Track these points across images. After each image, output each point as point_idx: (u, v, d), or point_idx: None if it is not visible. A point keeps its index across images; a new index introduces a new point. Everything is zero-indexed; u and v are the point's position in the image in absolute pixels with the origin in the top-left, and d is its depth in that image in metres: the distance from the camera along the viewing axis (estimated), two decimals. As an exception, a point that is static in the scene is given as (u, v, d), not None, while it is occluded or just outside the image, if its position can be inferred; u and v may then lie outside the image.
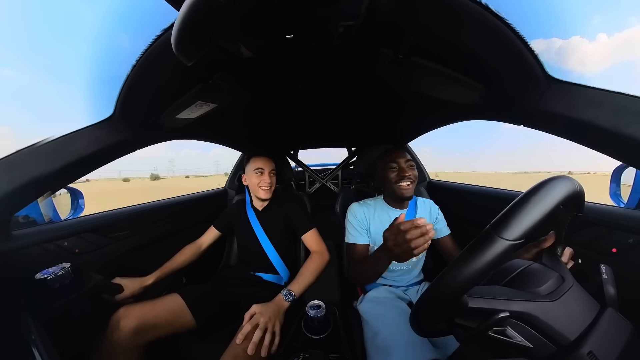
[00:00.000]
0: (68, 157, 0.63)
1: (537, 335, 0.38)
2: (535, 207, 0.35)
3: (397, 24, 0.52)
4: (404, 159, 0.91)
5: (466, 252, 0.36)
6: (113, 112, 0.69)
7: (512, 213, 0.35)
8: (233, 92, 0.79)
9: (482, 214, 1.07)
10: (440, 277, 0.37)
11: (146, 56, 0.55)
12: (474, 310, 0.38)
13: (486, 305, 0.38)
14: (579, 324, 0.38)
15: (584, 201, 0.44)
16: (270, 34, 0.54)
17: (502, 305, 0.38)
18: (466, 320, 0.42)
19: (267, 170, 1.04)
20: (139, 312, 0.71)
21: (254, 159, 1.06)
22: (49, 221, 0.82)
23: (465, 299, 0.37)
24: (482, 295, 0.39)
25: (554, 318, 0.38)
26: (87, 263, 0.83)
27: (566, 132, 0.55)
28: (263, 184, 1.04)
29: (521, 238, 0.34)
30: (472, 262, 0.34)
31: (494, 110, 0.69)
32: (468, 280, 0.35)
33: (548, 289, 0.42)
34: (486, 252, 0.34)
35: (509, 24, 0.47)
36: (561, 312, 0.39)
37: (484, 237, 0.35)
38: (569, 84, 0.51)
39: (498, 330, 0.39)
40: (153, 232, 1.10)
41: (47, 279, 0.63)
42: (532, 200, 0.36)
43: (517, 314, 0.38)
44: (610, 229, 0.65)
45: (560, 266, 0.48)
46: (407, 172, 0.88)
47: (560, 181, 0.39)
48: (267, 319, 0.71)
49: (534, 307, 0.38)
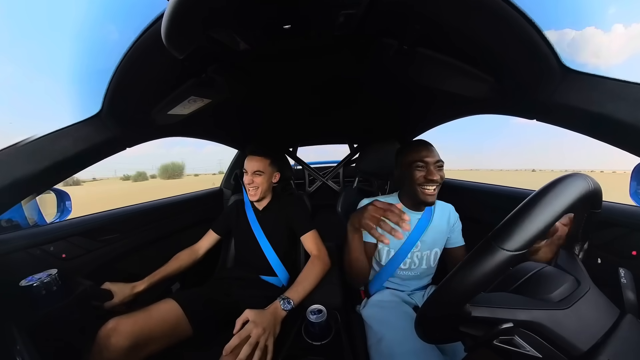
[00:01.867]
0: (53, 157, 0.60)
1: (547, 345, 0.36)
2: (540, 214, 0.32)
3: (402, 12, 0.49)
4: (434, 159, 0.79)
5: (465, 262, 0.34)
6: (101, 108, 0.66)
7: (514, 222, 0.33)
8: (227, 87, 0.75)
9: (492, 213, 1.05)
10: (441, 285, 0.36)
11: (135, 49, 0.52)
12: (478, 319, 0.36)
13: (490, 315, 0.36)
14: (595, 332, 0.36)
15: (601, 198, 0.41)
16: (266, 24, 0.50)
17: (507, 314, 0.36)
18: (471, 329, 0.40)
19: (250, 171, 1.00)
20: (132, 326, 0.65)
21: (246, 157, 1.03)
22: (33, 225, 0.79)
23: (468, 308, 0.36)
24: (486, 304, 0.37)
25: (565, 327, 0.36)
26: (75, 268, 0.80)
27: (583, 126, 0.52)
28: (246, 185, 1.01)
29: (524, 248, 0.32)
30: (471, 273, 0.33)
31: (506, 103, 0.66)
32: (468, 291, 0.34)
33: (561, 295, 0.39)
34: (485, 263, 0.32)
35: (522, 11, 0.43)
36: (573, 320, 0.36)
37: (483, 248, 0.33)
38: (587, 75, 0.48)
39: (505, 340, 0.37)
40: (145, 234, 1.06)
41: (33, 286, 0.60)
42: (538, 206, 0.33)
43: (524, 323, 0.36)
44: (630, 230, 0.62)
45: (577, 268, 0.45)
46: (435, 175, 0.77)
47: (571, 182, 0.36)
48: (260, 331, 0.63)
49: (543, 315, 0.36)
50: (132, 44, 0.51)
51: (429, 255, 0.87)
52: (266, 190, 1.05)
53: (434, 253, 0.88)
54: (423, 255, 0.87)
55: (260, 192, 1.02)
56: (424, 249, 0.87)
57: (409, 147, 0.84)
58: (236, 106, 1.00)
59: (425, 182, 0.78)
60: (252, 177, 1.00)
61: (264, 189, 1.03)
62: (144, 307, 0.73)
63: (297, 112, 1.19)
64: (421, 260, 0.87)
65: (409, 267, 0.87)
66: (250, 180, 1.00)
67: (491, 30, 0.48)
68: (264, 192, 1.03)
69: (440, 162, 0.80)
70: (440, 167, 0.80)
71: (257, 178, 1.01)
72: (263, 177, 1.01)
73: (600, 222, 0.46)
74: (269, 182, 1.05)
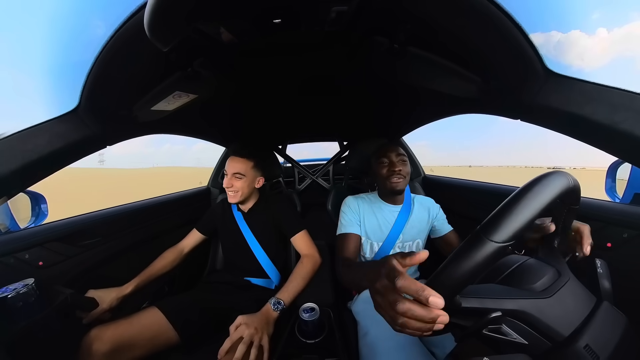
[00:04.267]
0: (26, 157, 0.56)
1: (532, 332, 0.38)
2: (525, 208, 0.35)
3: (393, 10, 0.49)
4: (395, 153, 0.91)
5: (455, 254, 0.35)
6: (78, 103, 0.61)
7: (502, 215, 0.35)
8: (215, 82, 0.73)
9: (478, 209, 1.08)
10: (432, 278, 0.37)
11: (115, 40, 0.49)
12: (468, 310, 0.38)
13: (479, 305, 0.38)
14: (575, 319, 0.39)
15: (579, 194, 0.44)
16: (256, 17, 0.49)
17: (495, 304, 0.38)
18: (461, 320, 0.41)
19: (229, 173, 0.94)
20: (113, 333, 0.65)
21: (228, 158, 0.98)
22: (5, 231, 0.74)
23: (458, 299, 0.37)
24: (475, 295, 0.39)
25: (548, 315, 0.38)
26: (54, 277, 0.75)
27: (563, 127, 0.54)
28: (225, 188, 0.95)
29: (511, 240, 0.34)
30: (461, 265, 0.34)
31: (491, 103, 0.68)
32: (458, 282, 0.35)
33: (543, 285, 0.42)
34: (475, 254, 0.34)
35: (509, 14, 0.45)
36: (556, 308, 0.39)
37: (473, 240, 0.35)
38: (567, 78, 0.51)
39: (493, 329, 0.39)
40: (129, 237, 1.01)
41: (8, 297, 0.57)
42: (523, 200, 0.35)
43: (511, 312, 0.38)
44: (605, 224, 0.66)
45: (557, 260, 0.48)
46: (398, 166, 0.88)
47: (553, 178, 0.38)
48: (253, 331, 0.65)
49: (528, 304, 0.39)
50: (112, 35, 0.48)
51: (411, 247, 0.93)
52: (247, 194, 0.99)
53: (415, 244, 0.93)
54: (405, 246, 0.93)
55: (240, 195, 0.95)
56: (406, 240, 0.93)
57: (376, 149, 0.96)
58: (223, 102, 0.97)
59: (390, 175, 0.89)
60: (231, 179, 0.93)
61: (244, 193, 0.96)
62: (128, 315, 0.72)
63: (286, 108, 1.17)
64: (404, 250, 0.92)
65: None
66: (229, 183, 0.93)
67: (479, 32, 0.49)
68: (244, 196, 0.97)
69: (402, 155, 0.91)
70: (403, 160, 0.90)
71: (237, 182, 0.94)
72: (243, 180, 0.95)
73: (579, 216, 0.49)
74: (251, 187, 0.98)
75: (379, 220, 0.94)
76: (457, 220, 0.99)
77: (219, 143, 1.46)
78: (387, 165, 0.90)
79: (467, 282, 0.35)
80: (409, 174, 0.93)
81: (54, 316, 0.62)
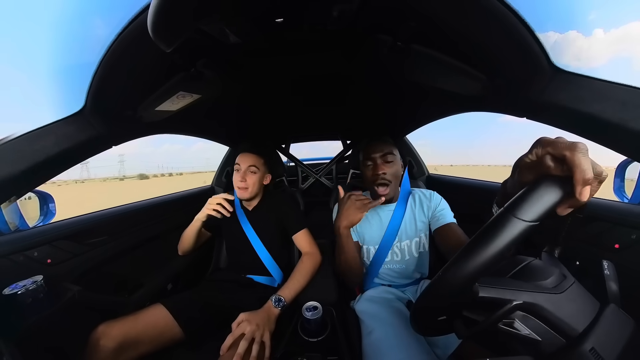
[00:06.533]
0: (34, 157, 0.57)
1: (546, 327, 0.37)
2: (549, 191, 0.34)
3: (397, 7, 0.48)
4: (380, 153, 0.81)
5: (481, 234, 0.34)
6: (84, 105, 0.62)
7: (529, 194, 0.34)
8: (218, 82, 0.73)
9: (484, 208, 1.06)
10: (453, 261, 0.36)
11: (119, 41, 0.49)
12: (484, 300, 0.37)
13: (497, 295, 0.37)
14: (584, 319, 0.38)
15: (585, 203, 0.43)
16: (258, 16, 0.49)
17: (512, 295, 0.37)
18: (473, 313, 0.41)
19: (243, 167, 0.96)
20: (120, 329, 0.66)
21: (239, 154, 1.00)
22: (15, 230, 0.75)
23: (477, 287, 0.36)
24: (493, 285, 0.38)
25: (562, 310, 0.37)
26: (62, 274, 0.76)
27: (571, 125, 0.53)
28: (236, 182, 0.97)
29: (537, 220, 0.33)
30: (488, 244, 0.33)
31: (497, 101, 0.67)
32: (483, 263, 0.34)
33: (553, 283, 0.41)
34: (503, 233, 0.33)
35: (515, 10, 0.44)
36: (568, 304, 0.38)
37: (500, 218, 0.34)
38: (575, 75, 0.49)
39: (506, 323, 0.38)
40: (135, 236, 1.03)
41: (17, 293, 0.58)
42: (547, 183, 0.35)
43: (527, 305, 0.37)
44: (613, 225, 0.64)
45: (560, 266, 0.47)
46: (381, 169, 0.79)
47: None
48: (255, 327, 0.66)
49: (543, 298, 0.37)
50: (117, 36, 0.49)
51: (410, 245, 0.89)
52: (257, 191, 1.01)
53: (414, 242, 0.89)
54: (404, 246, 0.89)
55: (251, 191, 0.98)
56: (404, 239, 0.89)
57: (361, 147, 0.87)
58: (227, 102, 0.97)
59: (374, 180, 0.81)
60: (245, 174, 0.96)
61: (254, 190, 0.99)
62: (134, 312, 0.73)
63: (289, 108, 1.17)
64: (403, 251, 0.89)
65: (393, 259, 0.89)
66: (242, 177, 0.96)
67: (485, 29, 0.48)
68: (254, 192, 0.99)
69: (388, 155, 0.80)
70: (387, 161, 0.80)
71: (251, 176, 0.97)
72: (257, 175, 0.98)
73: (586, 217, 0.47)
74: (261, 183, 1.02)
75: (372, 222, 0.91)
76: (463, 220, 0.98)
77: (223, 142, 1.47)
78: (371, 168, 0.83)
79: (492, 265, 0.34)
80: (398, 175, 0.85)
81: (62, 312, 0.63)
